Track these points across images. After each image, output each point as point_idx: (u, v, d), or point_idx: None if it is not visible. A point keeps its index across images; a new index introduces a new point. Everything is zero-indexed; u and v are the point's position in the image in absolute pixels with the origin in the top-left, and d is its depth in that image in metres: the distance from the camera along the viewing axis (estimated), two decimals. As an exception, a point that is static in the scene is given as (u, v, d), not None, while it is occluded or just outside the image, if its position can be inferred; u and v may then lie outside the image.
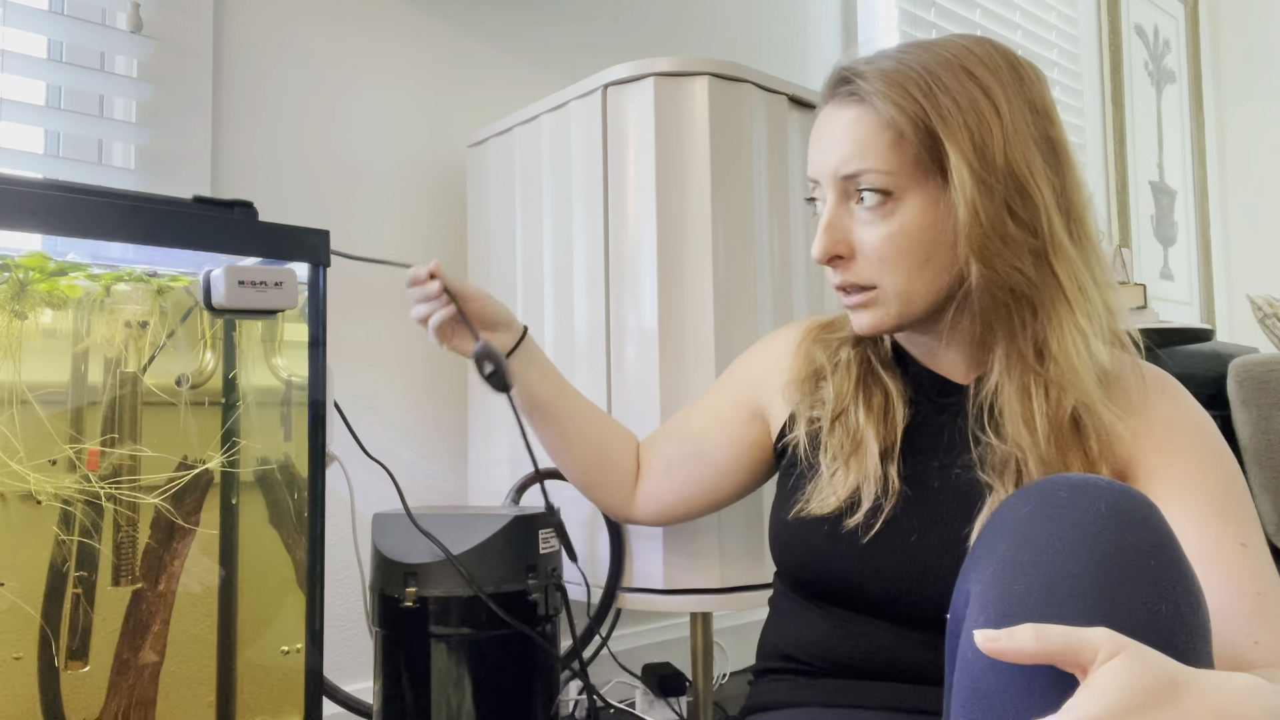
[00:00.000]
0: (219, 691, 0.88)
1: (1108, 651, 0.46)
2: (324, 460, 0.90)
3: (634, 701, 1.46)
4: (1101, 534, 0.54)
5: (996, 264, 0.72)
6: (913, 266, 0.74)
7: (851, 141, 0.74)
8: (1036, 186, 0.72)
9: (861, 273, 0.76)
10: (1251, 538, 0.68)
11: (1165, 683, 0.45)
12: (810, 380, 0.86)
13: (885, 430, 0.79)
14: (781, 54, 2.12)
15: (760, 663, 0.87)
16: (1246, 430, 2.40)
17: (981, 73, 0.73)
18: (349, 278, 1.40)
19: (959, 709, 0.56)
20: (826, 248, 0.76)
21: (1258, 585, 0.66)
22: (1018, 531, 0.56)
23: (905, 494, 0.77)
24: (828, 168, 0.76)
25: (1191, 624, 0.52)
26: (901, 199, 0.73)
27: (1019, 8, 2.86)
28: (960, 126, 0.71)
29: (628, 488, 1.00)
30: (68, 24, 1.18)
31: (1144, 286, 1.90)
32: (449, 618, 0.95)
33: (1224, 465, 0.72)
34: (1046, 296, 0.73)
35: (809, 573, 0.80)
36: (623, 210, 1.18)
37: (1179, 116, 3.62)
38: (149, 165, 1.22)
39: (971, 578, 0.59)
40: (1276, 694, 0.47)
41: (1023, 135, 0.73)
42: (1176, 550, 0.54)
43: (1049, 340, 0.73)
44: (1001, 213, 0.71)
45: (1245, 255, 3.74)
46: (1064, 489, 0.57)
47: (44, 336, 0.81)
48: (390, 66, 1.47)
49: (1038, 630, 0.48)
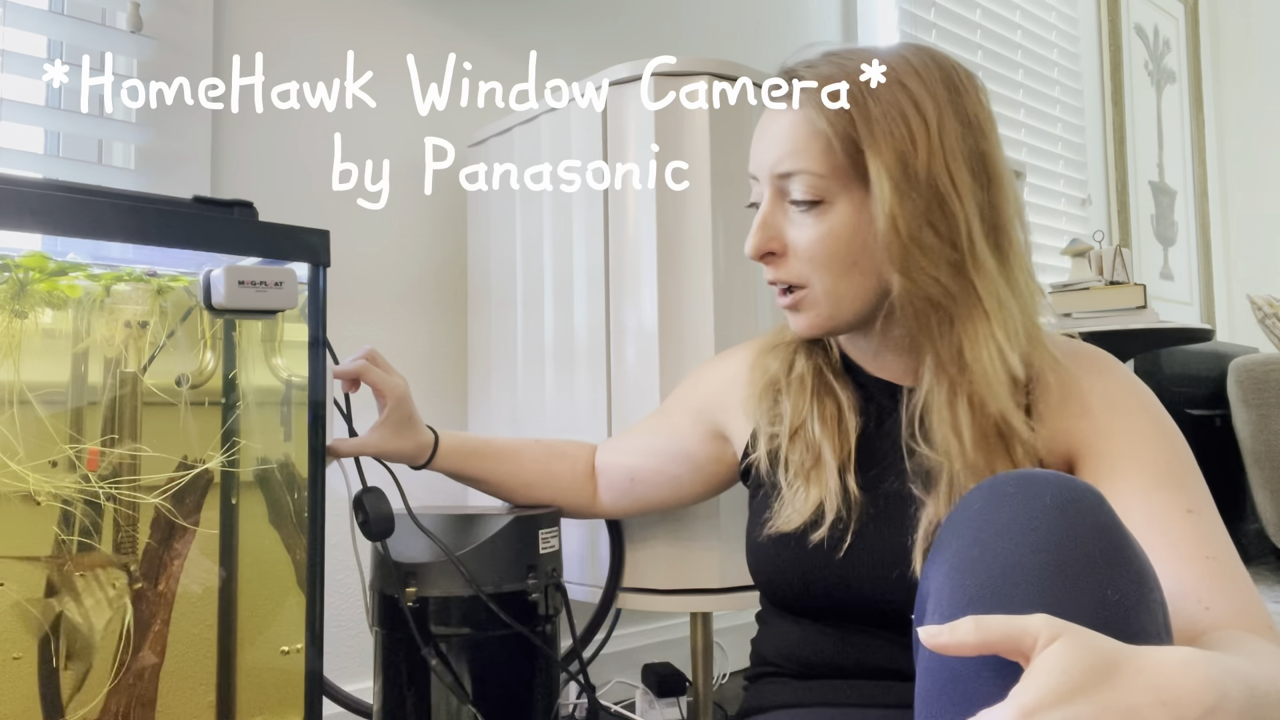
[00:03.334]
0: (219, 691, 0.88)
1: (1047, 637, 0.47)
2: (324, 460, 0.90)
3: (634, 702, 1.46)
4: (1048, 526, 0.55)
5: (914, 274, 0.73)
6: (840, 270, 0.75)
7: (787, 143, 0.76)
8: (959, 199, 0.73)
9: (792, 270, 0.78)
10: (1198, 503, 0.69)
11: (1104, 663, 0.46)
12: (768, 392, 0.87)
13: (840, 442, 0.80)
14: (781, 54, 2.11)
15: (753, 669, 0.88)
16: (1246, 430, 2.40)
17: (914, 84, 0.74)
18: (349, 278, 1.40)
19: (924, 704, 0.57)
20: (759, 244, 0.78)
21: (1205, 550, 0.66)
22: (969, 528, 0.58)
23: (865, 505, 0.78)
24: (765, 165, 0.78)
25: (1140, 608, 0.53)
26: (832, 203, 0.75)
27: (1019, 8, 2.86)
28: (885, 135, 0.72)
29: (584, 498, 1.06)
30: (68, 24, 1.18)
31: (1144, 286, 1.90)
32: (449, 618, 0.95)
33: (1165, 435, 0.73)
34: (964, 307, 0.74)
35: (785, 590, 0.81)
36: (623, 210, 1.18)
37: (1179, 116, 3.62)
38: (149, 165, 1.22)
39: (930, 575, 0.60)
40: (1214, 662, 0.47)
41: (950, 148, 0.73)
42: (1123, 536, 0.55)
43: (964, 350, 0.73)
44: (920, 223, 0.72)
45: (1245, 255, 3.74)
46: (1011, 484, 0.58)
47: (44, 336, 0.81)
48: (390, 66, 1.47)
49: (977, 622, 0.48)
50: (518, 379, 1.33)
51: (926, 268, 0.73)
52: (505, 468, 1.03)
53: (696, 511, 1.12)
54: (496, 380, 1.38)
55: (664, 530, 1.13)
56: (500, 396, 1.37)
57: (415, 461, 0.99)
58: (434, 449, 0.99)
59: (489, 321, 1.41)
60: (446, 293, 1.51)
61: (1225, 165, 3.80)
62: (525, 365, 1.32)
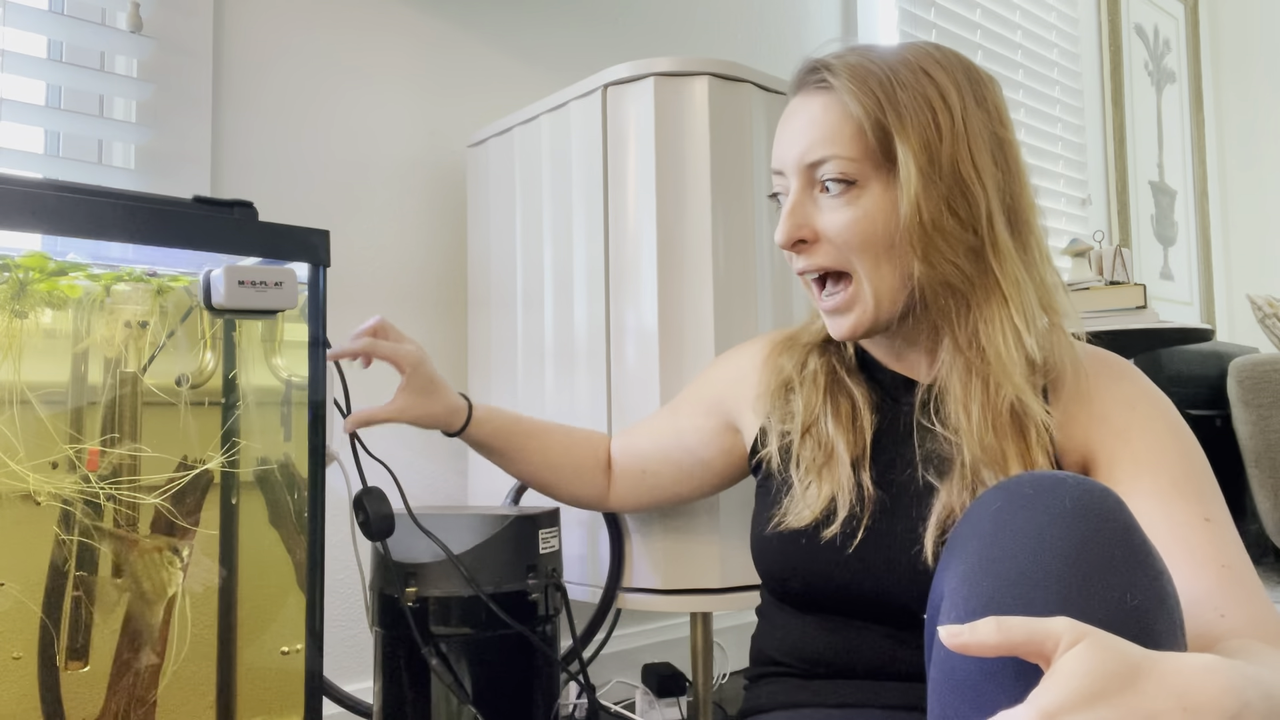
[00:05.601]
0: (219, 691, 0.88)
1: (1069, 640, 0.46)
2: (324, 460, 0.90)
3: (634, 702, 1.46)
4: (1067, 529, 0.55)
5: (934, 259, 0.74)
6: (879, 253, 0.75)
7: (818, 129, 0.76)
8: (981, 186, 0.74)
9: (827, 256, 0.77)
10: (1215, 512, 0.69)
11: (1126, 667, 0.45)
12: (780, 392, 0.87)
13: (855, 438, 0.80)
14: (781, 54, 2.12)
15: (754, 668, 0.87)
16: (1246, 430, 2.40)
17: (939, 74, 0.75)
18: (349, 278, 1.40)
19: (938, 704, 0.56)
20: (790, 232, 0.78)
21: (1222, 558, 0.66)
22: (987, 529, 0.58)
23: (881, 499, 0.78)
24: (792, 157, 0.78)
25: (1158, 613, 0.53)
26: (865, 187, 0.75)
27: (1019, 8, 2.86)
28: (913, 124, 0.73)
29: (600, 487, 1.05)
30: (68, 24, 1.18)
31: (1144, 286, 1.90)
32: (449, 618, 0.95)
33: (1182, 442, 0.73)
34: (982, 292, 0.75)
35: (793, 584, 0.81)
36: (623, 210, 1.18)
37: (1179, 116, 3.62)
38: (149, 165, 1.22)
39: (945, 576, 0.60)
40: (1236, 669, 0.47)
41: (973, 134, 0.75)
42: (1141, 541, 0.55)
43: (979, 333, 0.74)
44: (941, 209, 0.73)
45: (1245, 255, 3.74)
46: (1029, 486, 0.58)
47: (44, 336, 0.81)
48: (390, 66, 1.47)
49: (999, 623, 0.48)
50: (518, 379, 1.33)
51: (946, 253, 0.74)
52: (534, 446, 1.02)
53: (697, 511, 1.12)
54: (496, 380, 1.38)
55: (664, 530, 1.13)
56: (500, 396, 1.37)
57: (449, 427, 0.98)
58: (468, 417, 0.98)
59: (489, 321, 1.41)
60: (446, 293, 1.51)
61: (1225, 165, 3.80)
62: (525, 365, 1.32)
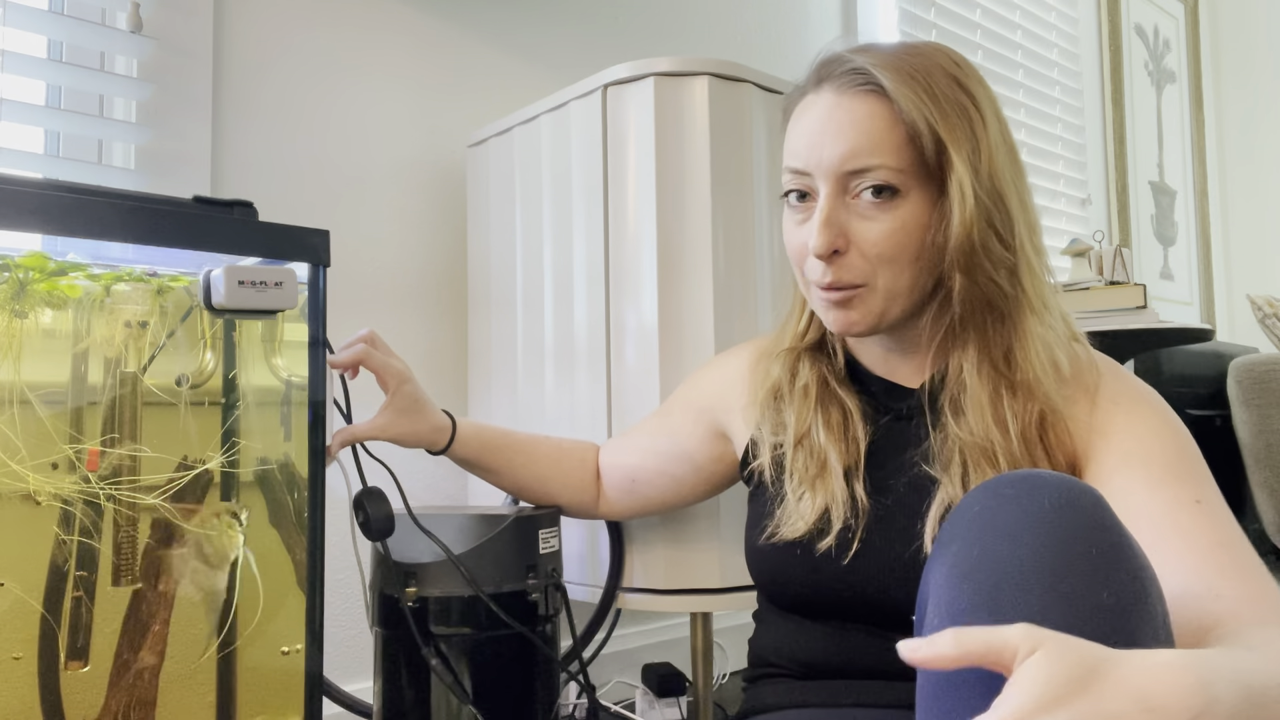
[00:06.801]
0: (219, 691, 0.88)
1: (1026, 648, 0.46)
2: (324, 460, 0.90)
3: (634, 702, 1.46)
4: (1045, 530, 0.55)
5: (977, 276, 0.73)
6: (905, 264, 0.74)
7: (863, 136, 0.72)
8: (1016, 200, 0.74)
9: (855, 269, 0.75)
10: (1206, 494, 0.69)
11: (1084, 670, 0.45)
12: (770, 399, 0.86)
13: (847, 448, 0.80)
14: (781, 54, 2.12)
15: (752, 669, 0.87)
16: (1246, 430, 2.40)
17: (968, 82, 0.74)
18: (349, 278, 1.40)
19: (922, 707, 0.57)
20: (829, 242, 0.73)
21: (1216, 538, 0.66)
22: (968, 530, 0.58)
23: (874, 509, 0.77)
24: (830, 161, 0.73)
25: (1136, 610, 0.53)
26: (906, 196, 0.73)
27: (1019, 8, 2.86)
28: (962, 135, 0.72)
29: (589, 497, 1.05)
30: (68, 24, 1.18)
31: (1144, 286, 1.90)
32: (449, 618, 0.95)
33: (1171, 429, 0.73)
34: (1014, 307, 0.75)
35: (788, 593, 0.81)
36: (623, 210, 1.18)
37: (1179, 116, 3.62)
38: (149, 165, 1.22)
39: (930, 577, 0.60)
40: (1205, 664, 0.47)
41: (997, 144, 0.74)
42: (1120, 538, 0.55)
43: (1014, 348, 0.74)
44: (986, 227, 0.72)
45: (1245, 255, 3.74)
46: (1009, 486, 0.58)
47: (44, 336, 0.81)
48: (390, 66, 1.47)
49: (956, 635, 0.47)
50: (518, 379, 1.33)
51: (989, 270, 0.73)
52: (520, 460, 1.02)
53: (696, 511, 1.12)
54: (497, 380, 1.38)
55: (664, 530, 1.13)
56: (500, 396, 1.37)
57: (432, 446, 0.98)
58: (452, 435, 0.98)
59: (489, 321, 1.41)
60: (446, 293, 1.51)
61: (1225, 165, 3.80)
62: (525, 365, 1.32)
